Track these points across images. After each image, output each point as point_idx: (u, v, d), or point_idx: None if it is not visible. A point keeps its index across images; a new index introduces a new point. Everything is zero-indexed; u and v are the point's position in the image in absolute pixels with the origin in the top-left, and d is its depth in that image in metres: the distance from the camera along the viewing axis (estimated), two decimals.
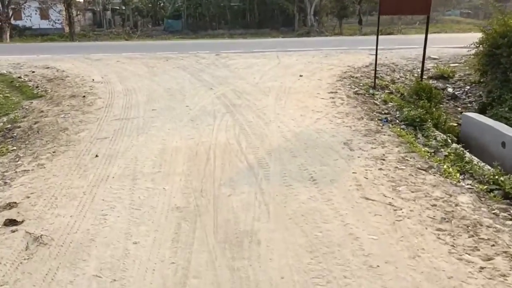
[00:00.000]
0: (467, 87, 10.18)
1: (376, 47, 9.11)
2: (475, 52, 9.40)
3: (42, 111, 7.80)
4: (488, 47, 8.76)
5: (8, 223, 3.75)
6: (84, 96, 8.62)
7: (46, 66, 11.79)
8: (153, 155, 5.35)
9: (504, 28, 8.51)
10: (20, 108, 8.30)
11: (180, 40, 28.67)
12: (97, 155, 5.38)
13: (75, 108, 7.78)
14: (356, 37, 25.88)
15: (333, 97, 8.12)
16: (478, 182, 4.64)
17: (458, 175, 4.72)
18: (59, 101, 8.41)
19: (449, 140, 6.29)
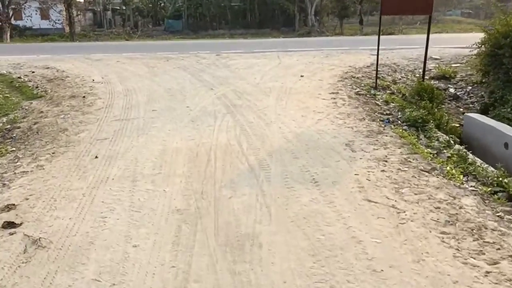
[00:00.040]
0: (469, 88, 10.12)
1: (378, 47, 9.06)
2: (477, 53, 9.35)
3: (42, 112, 7.76)
4: (491, 48, 8.71)
5: (7, 226, 3.70)
6: (84, 97, 8.57)
7: (46, 66, 11.74)
8: (153, 156, 5.30)
9: (507, 28, 8.47)
10: (20, 109, 8.25)
11: (181, 40, 28.64)
12: (97, 156, 5.33)
13: (75, 109, 7.74)
14: (357, 37, 25.83)
15: (335, 98, 8.07)
16: (482, 184, 4.59)
17: (462, 177, 4.67)
18: (59, 102, 8.37)
19: (452, 141, 6.25)
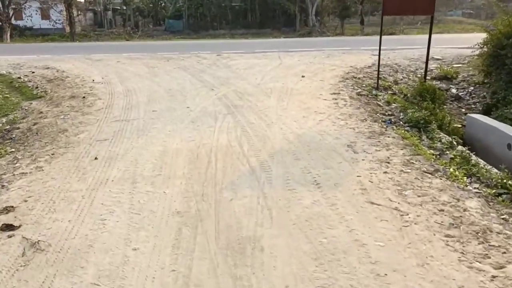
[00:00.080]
0: (471, 88, 10.07)
1: (380, 48, 9.00)
2: (479, 53, 9.30)
3: (42, 112, 7.72)
4: (493, 48, 8.66)
5: (5, 228, 3.65)
6: (84, 97, 8.53)
7: (46, 67, 11.71)
8: (154, 158, 5.25)
9: (509, 29, 8.41)
10: (20, 109, 8.22)
11: (181, 40, 28.64)
12: (97, 158, 5.28)
13: (75, 109, 7.69)
14: (358, 37, 25.79)
15: (336, 98, 8.01)
16: (486, 186, 4.54)
17: (465, 179, 4.62)
18: (59, 102, 8.33)
19: (455, 142, 6.19)
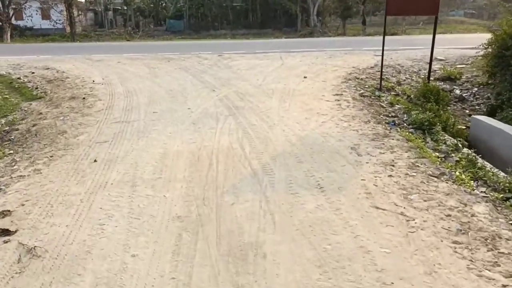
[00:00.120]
0: (475, 89, 9.97)
1: (383, 48, 8.91)
2: (484, 54, 9.20)
3: (41, 113, 7.63)
4: (497, 49, 8.56)
5: (1, 233, 3.57)
6: (84, 98, 8.45)
7: (46, 67, 11.64)
8: (154, 160, 5.17)
9: None
10: (19, 110, 8.14)
11: (182, 41, 28.56)
12: (96, 160, 5.20)
13: (75, 110, 7.61)
14: (360, 38, 25.67)
15: (339, 100, 7.92)
16: (493, 190, 4.43)
17: (472, 183, 4.52)
18: (59, 103, 8.25)
19: (460, 145, 6.08)
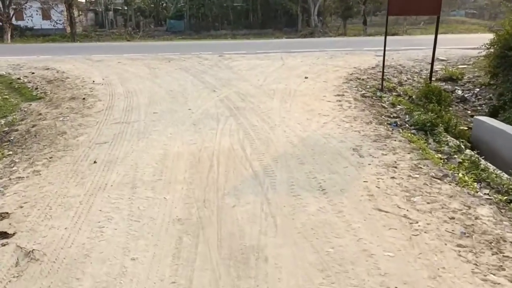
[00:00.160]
0: (477, 90, 9.91)
1: (384, 48, 8.85)
2: (486, 54, 9.15)
3: (41, 114, 7.59)
4: (500, 49, 8.51)
5: None
6: (84, 98, 8.41)
7: (46, 67, 11.60)
8: (154, 161, 5.12)
9: None
10: (19, 110, 8.10)
11: (183, 41, 28.52)
12: (96, 161, 5.15)
13: (75, 111, 7.57)
14: (361, 38, 25.62)
15: (340, 100, 7.87)
16: (496, 192, 4.39)
17: (475, 184, 4.47)
18: (58, 104, 8.20)
19: (462, 146, 6.03)
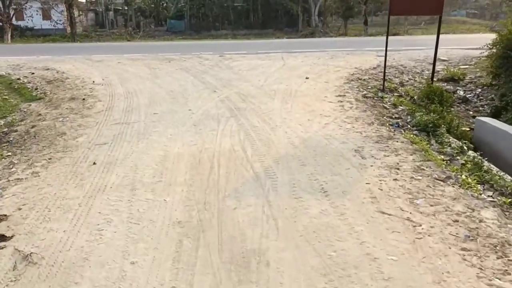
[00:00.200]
0: (478, 90, 9.85)
1: (386, 48, 8.79)
2: (488, 54, 9.09)
3: (40, 114, 7.54)
4: (502, 49, 8.45)
5: None
6: (84, 99, 8.37)
7: (46, 68, 11.56)
8: (154, 163, 5.07)
9: None
10: (18, 111, 8.05)
11: (183, 41, 28.48)
12: (95, 163, 5.10)
13: (74, 111, 7.52)
14: (362, 38, 25.58)
15: (341, 101, 7.82)
16: (500, 194, 4.34)
17: (479, 186, 4.42)
18: (58, 104, 8.16)
19: (465, 147, 5.98)
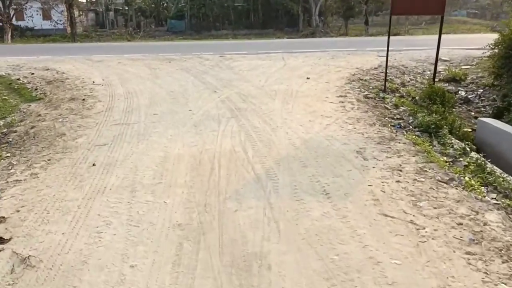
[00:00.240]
0: (480, 91, 9.80)
1: (387, 49, 8.74)
2: (490, 54, 9.04)
3: (40, 115, 7.50)
4: (504, 49, 8.40)
5: None
6: (84, 99, 8.32)
7: (46, 68, 11.52)
8: (154, 164, 5.03)
9: None
10: (18, 111, 8.01)
11: (183, 41, 28.44)
12: (95, 164, 5.06)
13: (74, 112, 7.48)
14: (363, 38, 25.53)
15: (343, 101, 7.77)
16: (504, 197, 4.29)
17: (482, 189, 4.37)
18: (58, 104, 8.12)
19: (468, 148, 5.93)
